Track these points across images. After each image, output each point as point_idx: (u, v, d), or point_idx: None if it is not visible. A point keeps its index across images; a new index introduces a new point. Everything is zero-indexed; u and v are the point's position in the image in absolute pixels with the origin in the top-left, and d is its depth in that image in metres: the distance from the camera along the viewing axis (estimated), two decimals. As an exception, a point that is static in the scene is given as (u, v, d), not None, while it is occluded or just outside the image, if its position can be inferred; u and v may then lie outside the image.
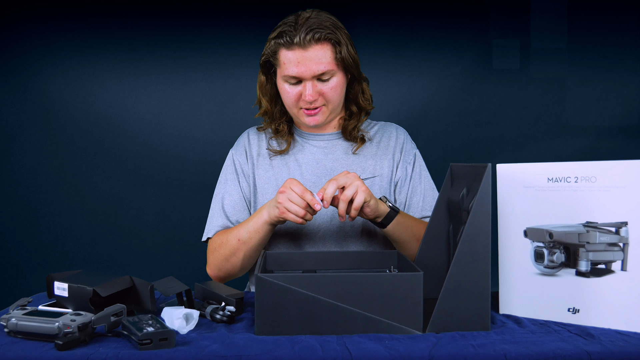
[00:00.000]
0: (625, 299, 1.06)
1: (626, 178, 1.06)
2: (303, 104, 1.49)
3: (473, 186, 1.14)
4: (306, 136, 1.62)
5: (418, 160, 1.63)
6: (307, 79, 1.45)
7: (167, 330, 0.96)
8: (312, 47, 1.43)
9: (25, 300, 1.14)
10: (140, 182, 2.67)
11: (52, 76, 2.63)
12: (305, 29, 1.42)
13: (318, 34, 1.42)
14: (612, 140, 2.66)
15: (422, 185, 1.60)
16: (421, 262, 1.26)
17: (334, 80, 1.48)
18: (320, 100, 1.49)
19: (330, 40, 1.44)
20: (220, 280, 1.57)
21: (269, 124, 1.63)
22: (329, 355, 0.92)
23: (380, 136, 1.63)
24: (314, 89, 1.46)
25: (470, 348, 0.95)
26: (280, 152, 1.60)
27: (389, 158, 1.60)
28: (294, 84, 1.48)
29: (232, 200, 1.59)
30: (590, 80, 2.67)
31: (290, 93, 1.49)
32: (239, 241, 1.46)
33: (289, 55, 1.44)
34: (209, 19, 2.65)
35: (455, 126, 2.70)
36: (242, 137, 1.68)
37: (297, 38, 1.41)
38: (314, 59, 1.43)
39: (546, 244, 1.13)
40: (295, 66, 1.44)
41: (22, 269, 2.64)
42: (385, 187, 1.58)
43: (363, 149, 1.60)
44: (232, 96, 2.67)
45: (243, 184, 1.61)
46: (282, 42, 1.44)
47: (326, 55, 1.44)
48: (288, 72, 1.45)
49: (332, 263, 1.31)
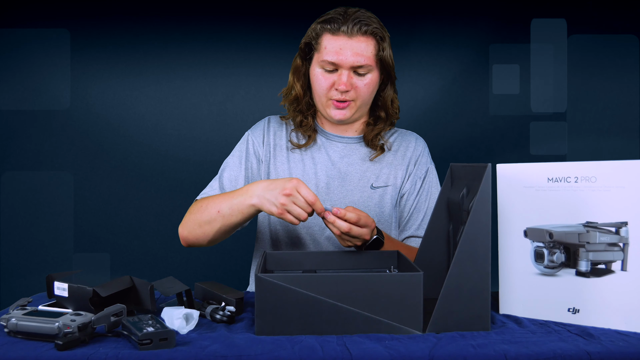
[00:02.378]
0: (625, 299, 1.06)
1: (626, 178, 1.06)
2: (334, 93, 1.48)
3: (473, 186, 1.14)
4: (328, 135, 1.60)
5: (429, 176, 1.61)
6: (345, 67, 1.45)
7: (167, 330, 0.96)
8: (357, 38, 1.44)
9: (25, 300, 1.13)
10: (140, 182, 2.67)
11: (52, 76, 2.63)
12: (354, 19, 1.44)
13: (366, 27, 1.44)
14: (612, 140, 2.66)
15: (428, 203, 1.58)
16: (421, 262, 1.26)
17: (370, 76, 1.48)
18: (352, 93, 1.48)
19: (375, 36, 1.46)
20: (187, 244, 1.52)
21: (293, 114, 1.59)
22: (329, 355, 0.92)
23: (399, 145, 1.61)
24: (349, 79, 1.46)
25: (470, 348, 0.95)
26: (300, 147, 1.58)
27: (403, 168, 1.59)
28: (329, 71, 1.47)
29: (231, 175, 1.56)
30: (590, 81, 2.67)
31: (323, 81, 1.48)
32: (218, 212, 1.41)
33: (332, 41, 1.45)
34: (209, 19, 2.65)
35: (455, 126, 2.70)
36: (262, 121, 1.64)
37: (345, 26, 1.44)
38: (357, 49, 1.44)
39: (546, 244, 1.13)
40: (336, 53, 1.44)
41: (22, 269, 2.63)
42: (396, 197, 1.57)
43: (380, 156, 1.59)
44: (232, 96, 2.67)
45: (252, 164, 1.57)
46: (329, 27, 1.45)
47: (369, 49, 1.45)
48: (327, 58, 1.45)
49: (332, 263, 1.30)
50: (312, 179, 1.55)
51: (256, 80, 2.63)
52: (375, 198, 1.55)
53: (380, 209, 1.54)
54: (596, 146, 2.66)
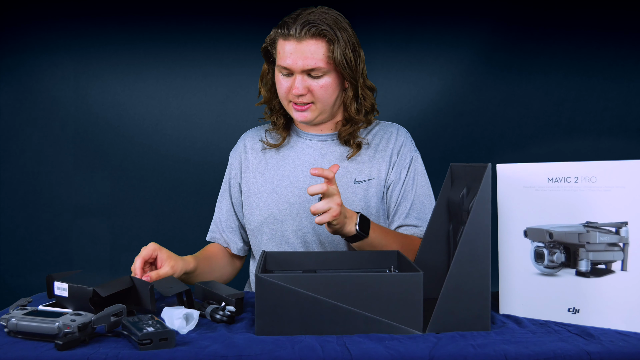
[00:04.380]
0: (625, 299, 1.06)
1: (626, 178, 1.06)
2: (292, 97, 1.49)
3: (473, 186, 1.14)
4: (302, 134, 1.61)
5: (414, 164, 1.59)
6: (297, 72, 1.45)
7: (167, 330, 0.96)
8: (305, 41, 1.42)
9: (25, 300, 1.14)
10: (140, 183, 2.67)
11: (52, 76, 2.63)
12: (303, 21, 1.42)
13: (314, 28, 1.41)
14: (612, 140, 2.66)
15: (415, 190, 1.56)
16: (421, 262, 1.26)
17: (325, 79, 1.46)
18: (308, 96, 1.48)
19: (325, 37, 1.43)
20: None
21: (268, 116, 1.63)
22: (329, 355, 0.92)
23: (380, 138, 1.60)
24: (303, 83, 1.45)
25: (470, 348, 0.95)
26: (274, 146, 1.59)
27: (386, 160, 1.57)
28: (286, 75, 1.47)
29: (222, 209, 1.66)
30: (590, 80, 2.67)
31: (282, 84, 1.49)
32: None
33: (284, 46, 1.44)
34: (209, 19, 2.65)
35: (455, 126, 2.70)
36: (239, 140, 1.70)
37: (293, 30, 1.42)
38: (306, 52, 1.42)
39: (546, 244, 1.13)
40: (288, 57, 1.44)
41: (22, 269, 2.64)
42: (381, 189, 1.56)
43: (359, 154, 1.57)
44: (232, 96, 2.67)
45: (234, 190, 1.65)
46: (280, 32, 1.44)
47: (319, 51, 1.43)
48: (281, 63, 1.45)
49: (332, 263, 1.30)
50: (293, 181, 1.56)
51: (256, 80, 2.62)
52: (360, 192, 1.54)
53: (366, 202, 1.53)
54: (596, 146, 2.66)
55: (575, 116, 2.68)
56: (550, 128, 2.68)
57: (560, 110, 2.68)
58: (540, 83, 2.68)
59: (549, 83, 2.68)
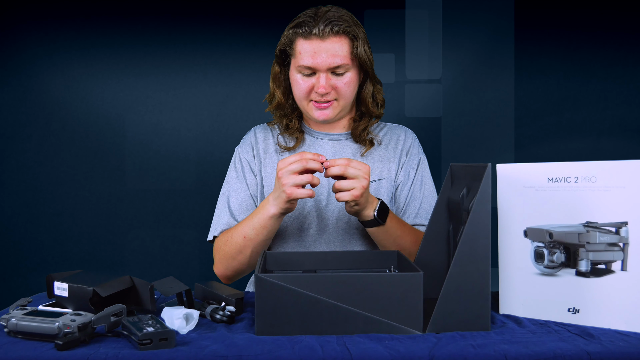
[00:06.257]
0: (625, 299, 1.06)
1: (626, 178, 1.06)
2: (315, 96, 1.49)
3: (473, 186, 1.14)
4: (315, 134, 1.61)
5: (422, 166, 1.62)
6: (322, 70, 1.45)
7: (167, 330, 0.96)
8: (329, 39, 1.43)
9: (25, 300, 1.13)
10: (140, 182, 2.67)
11: (52, 76, 2.63)
12: (324, 20, 1.43)
13: (337, 27, 1.43)
14: (612, 140, 2.66)
15: (423, 192, 1.59)
16: (421, 262, 1.26)
17: (348, 75, 1.48)
18: (332, 94, 1.49)
19: (348, 35, 1.45)
20: (228, 280, 1.56)
21: (279, 119, 1.61)
22: (329, 355, 0.92)
23: (389, 138, 1.63)
24: (328, 81, 1.46)
25: (470, 348, 0.95)
26: (289, 149, 1.59)
27: (395, 161, 1.60)
28: (307, 75, 1.47)
29: (239, 198, 1.57)
30: (590, 80, 2.67)
31: (302, 85, 1.48)
32: (244, 238, 1.44)
33: (305, 46, 1.44)
34: (209, 19, 2.65)
35: (455, 126, 2.70)
36: (248, 134, 1.66)
37: (316, 29, 1.42)
38: (331, 50, 1.44)
39: (546, 244, 1.13)
40: (311, 57, 1.44)
41: (22, 269, 2.63)
42: (391, 189, 1.58)
43: (371, 152, 1.59)
44: (232, 96, 2.67)
45: (250, 180, 1.59)
46: (301, 32, 1.44)
47: (343, 48, 1.45)
48: (303, 62, 1.45)
49: (333, 263, 1.31)
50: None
51: (256, 80, 2.62)
52: (371, 192, 1.54)
53: None
54: (596, 146, 2.66)
55: (575, 116, 2.68)
56: (550, 128, 2.68)
57: (560, 110, 2.67)
58: (540, 83, 2.68)
59: (549, 83, 2.68)
